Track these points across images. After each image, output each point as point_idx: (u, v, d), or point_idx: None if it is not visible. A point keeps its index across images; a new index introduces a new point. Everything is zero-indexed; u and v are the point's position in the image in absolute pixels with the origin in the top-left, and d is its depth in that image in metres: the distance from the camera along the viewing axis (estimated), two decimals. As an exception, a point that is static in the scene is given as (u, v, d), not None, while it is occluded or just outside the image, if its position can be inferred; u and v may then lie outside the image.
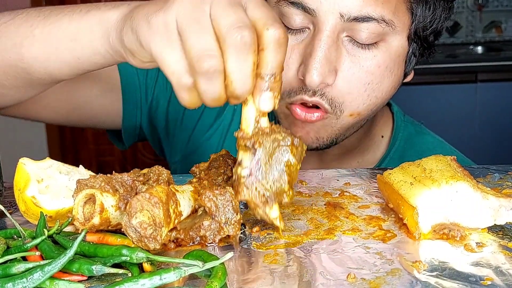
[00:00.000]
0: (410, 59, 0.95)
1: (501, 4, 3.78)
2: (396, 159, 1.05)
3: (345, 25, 0.86)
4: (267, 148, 0.62)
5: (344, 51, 0.88)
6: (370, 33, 0.87)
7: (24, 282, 0.54)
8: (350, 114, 0.91)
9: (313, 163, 1.07)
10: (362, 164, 1.07)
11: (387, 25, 0.87)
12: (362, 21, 0.86)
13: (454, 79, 3.26)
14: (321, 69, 0.86)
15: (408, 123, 1.10)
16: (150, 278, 0.53)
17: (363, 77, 0.89)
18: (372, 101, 0.92)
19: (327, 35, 0.86)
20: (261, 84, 0.61)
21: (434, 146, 1.07)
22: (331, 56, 0.87)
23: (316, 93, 0.89)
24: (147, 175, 0.68)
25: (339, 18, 0.85)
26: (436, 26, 0.94)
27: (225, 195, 0.65)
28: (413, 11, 0.90)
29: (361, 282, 0.56)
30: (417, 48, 0.95)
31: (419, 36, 0.93)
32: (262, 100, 0.62)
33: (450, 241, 0.65)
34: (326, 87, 0.89)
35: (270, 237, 0.67)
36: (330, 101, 0.89)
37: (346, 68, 0.88)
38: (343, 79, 0.89)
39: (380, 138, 1.09)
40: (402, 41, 0.91)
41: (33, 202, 0.68)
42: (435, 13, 0.92)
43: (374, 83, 0.90)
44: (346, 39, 0.88)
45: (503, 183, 0.82)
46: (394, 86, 0.94)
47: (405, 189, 0.69)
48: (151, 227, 0.58)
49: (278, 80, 0.62)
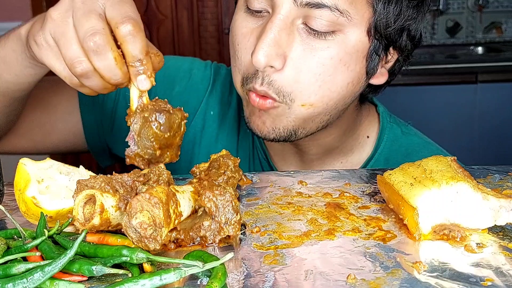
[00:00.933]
0: (372, 56, 0.93)
1: (502, 5, 3.78)
2: (382, 160, 1.05)
3: (299, 10, 0.86)
4: (138, 123, 0.73)
5: (297, 37, 0.88)
6: (324, 21, 0.86)
7: (25, 283, 0.54)
8: (302, 104, 0.91)
9: (294, 163, 1.07)
10: (346, 165, 1.07)
11: (341, 15, 0.86)
12: (315, 8, 0.85)
13: (454, 80, 3.26)
14: (268, 50, 0.86)
15: (394, 124, 1.09)
16: (150, 279, 0.53)
17: (314, 67, 0.88)
18: (326, 93, 0.90)
19: (280, 18, 0.87)
20: (133, 70, 0.73)
21: (420, 148, 1.06)
22: (281, 40, 0.87)
23: (264, 80, 0.89)
24: (147, 175, 0.68)
25: (293, 2, 0.86)
26: (402, 25, 0.92)
27: (225, 196, 0.65)
28: (374, 6, 0.89)
29: (361, 282, 0.56)
30: (379, 46, 0.93)
31: (380, 33, 0.91)
32: (139, 83, 0.73)
33: (450, 241, 0.65)
34: (274, 72, 0.88)
35: (270, 237, 0.67)
36: (277, 90, 0.89)
37: (296, 55, 0.88)
38: (292, 66, 0.88)
39: (366, 139, 1.08)
40: (361, 35, 0.90)
41: (34, 203, 0.68)
42: (399, 9, 0.90)
43: (326, 74, 0.89)
44: (302, 27, 0.88)
45: (503, 183, 0.82)
46: (352, 82, 0.93)
47: (405, 190, 0.69)
48: (151, 227, 0.58)
49: (146, 63, 0.73)
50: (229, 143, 1.11)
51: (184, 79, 1.15)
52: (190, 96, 1.13)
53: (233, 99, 1.13)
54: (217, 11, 3.51)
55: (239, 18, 0.94)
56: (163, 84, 1.11)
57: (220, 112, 1.13)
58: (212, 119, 1.13)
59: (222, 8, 3.51)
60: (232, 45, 0.95)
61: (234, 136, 1.11)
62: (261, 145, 1.08)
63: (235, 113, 1.12)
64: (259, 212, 0.74)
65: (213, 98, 1.14)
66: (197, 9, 3.50)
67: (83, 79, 0.74)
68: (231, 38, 0.95)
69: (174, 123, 0.75)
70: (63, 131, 1.14)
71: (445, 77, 3.26)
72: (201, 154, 1.11)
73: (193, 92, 1.13)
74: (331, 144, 1.04)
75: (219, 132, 1.12)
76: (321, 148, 1.04)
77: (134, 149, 0.74)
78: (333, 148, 1.05)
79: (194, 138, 1.12)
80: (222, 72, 1.17)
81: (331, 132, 1.00)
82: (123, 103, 1.13)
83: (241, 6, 0.94)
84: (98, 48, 0.70)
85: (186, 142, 1.12)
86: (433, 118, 3.21)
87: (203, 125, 1.12)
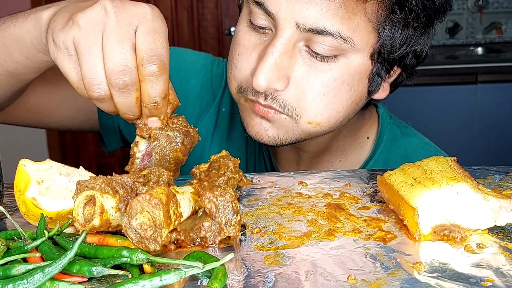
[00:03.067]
0: (374, 78, 0.93)
1: (501, 6, 3.78)
2: (381, 161, 1.05)
3: (302, 34, 0.86)
4: (160, 142, 0.71)
5: (300, 59, 0.88)
6: (326, 47, 0.86)
7: (25, 284, 0.54)
8: (309, 122, 0.91)
9: (294, 160, 1.07)
10: (345, 164, 1.07)
11: (344, 42, 0.86)
12: (318, 34, 0.85)
13: (454, 81, 3.27)
14: (268, 75, 0.86)
15: (394, 125, 1.09)
16: (150, 280, 0.53)
17: (318, 87, 0.88)
18: (332, 114, 0.91)
19: (282, 42, 0.86)
20: (145, 111, 0.71)
21: (418, 149, 1.06)
22: (283, 63, 0.87)
23: (268, 97, 0.89)
24: (147, 176, 0.68)
25: (295, 27, 0.86)
26: (409, 50, 0.91)
27: (225, 196, 0.65)
28: (379, 33, 0.88)
29: (362, 283, 0.56)
30: (382, 69, 0.93)
31: (384, 57, 0.91)
32: (149, 122, 0.72)
33: (450, 242, 0.65)
34: (277, 92, 0.88)
35: (271, 238, 0.67)
36: (282, 104, 0.89)
37: (299, 76, 0.88)
38: (296, 85, 0.88)
39: (366, 140, 1.08)
40: (364, 59, 0.89)
41: (34, 204, 0.68)
42: (405, 36, 0.90)
43: (331, 95, 0.89)
44: (304, 49, 0.88)
45: (503, 184, 0.82)
46: (355, 101, 0.93)
47: (405, 190, 0.69)
48: (151, 228, 0.58)
49: (162, 107, 0.70)
50: (239, 140, 1.11)
51: (200, 73, 1.15)
52: (205, 91, 1.13)
53: None
54: (217, 12, 3.52)
55: (242, 30, 0.93)
56: (180, 75, 1.11)
57: (231, 109, 1.13)
58: (223, 116, 1.13)
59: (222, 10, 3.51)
60: (232, 52, 0.95)
61: (244, 133, 1.12)
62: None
63: None
64: (259, 213, 0.74)
65: (226, 96, 1.14)
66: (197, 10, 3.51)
67: (95, 101, 0.71)
68: (233, 46, 0.95)
69: (193, 145, 0.73)
70: (72, 108, 1.10)
71: (445, 77, 3.27)
72: (212, 150, 1.11)
73: (208, 88, 1.13)
74: (327, 143, 1.04)
75: (230, 129, 1.12)
76: (320, 147, 1.04)
77: (145, 165, 0.71)
78: (330, 146, 1.05)
79: (206, 134, 1.12)
80: None
81: (332, 134, 1.01)
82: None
83: (244, 17, 0.94)
84: (125, 88, 0.68)
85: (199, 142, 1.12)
86: (433, 118, 3.22)
87: (215, 121, 1.12)
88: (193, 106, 1.13)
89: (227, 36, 3.48)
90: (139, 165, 0.73)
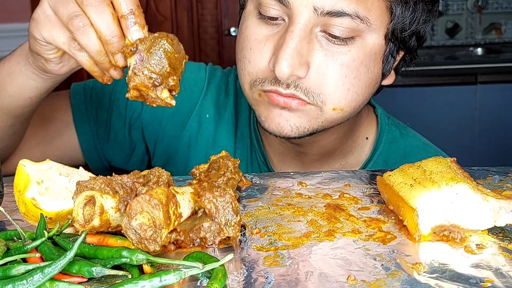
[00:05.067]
0: (388, 59, 0.95)
1: (501, 6, 3.78)
2: (380, 162, 1.05)
3: (318, 19, 0.86)
4: (147, 43, 0.71)
5: (317, 45, 0.88)
6: (344, 28, 0.87)
7: (24, 284, 0.54)
8: (333, 108, 0.91)
9: (294, 164, 1.07)
10: (345, 166, 1.07)
11: (362, 22, 0.87)
12: (336, 16, 0.86)
13: (454, 81, 3.26)
14: (291, 61, 0.86)
15: (393, 126, 1.09)
16: (150, 280, 0.53)
17: (338, 70, 0.89)
18: (354, 97, 0.92)
19: (300, 28, 0.87)
20: (125, 22, 0.73)
21: (418, 149, 1.07)
22: (303, 49, 0.87)
23: (290, 85, 0.89)
24: (147, 176, 0.68)
25: (312, 11, 0.86)
26: (415, 29, 0.93)
27: (225, 197, 0.65)
28: (392, 11, 0.90)
29: (361, 284, 0.56)
30: (394, 49, 0.94)
31: (397, 36, 0.92)
32: (132, 34, 0.73)
33: (450, 243, 0.65)
34: (299, 79, 0.89)
35: (270, 238, 0.67)
36: (306, 91, 0.89)
37: (319, 61, 0.89)
38: (316, 71, 0.89)
39: (365, 140, 1.08)
40: (379, 39, 0.91)
41: (33, 204, 0.68)
42: (415, 14, 0.92)
43: (352, 77, 0.90)
44: (320, 34, 0.88)
45: (503, 184, 0.82)
46: (372, 83, 0.94)
47: (405, 191, 0.69)
48: (151, 228, 0.58)
49: (139, 15, 0.73)
50: (226, 145, 1.11)
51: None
52: (183, 98, 1.12)
53: (229, 101, 1.13)
54: (216, 13, 3.51)
55: (251, 24, 0.93)
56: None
57: (216, 114, 1.12)
58: (208, 122, 1.12)
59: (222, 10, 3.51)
60: (241, 50, 0.94)
61: (231, 139, 1.11)
62: (260, 147, 1.08)
63: (231, 116, 1.12)
64: (259, 214, 0.74)
65: (208, 101, 1.13)
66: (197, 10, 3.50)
67: (79, 34, 0.73)
68: (241, 43, 0.94)
69: (180, 48, 0.74)
70: (60, 146, 1.12)
71: (445, 78, 3.26)
72: (197, 156, 1.11)
73: (186, 95, 1.12)
74: (332, 146, 1.04)
75: (216, 134, 1.12)
76: (321, 150, 1.04)
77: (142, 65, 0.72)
78: (333, 150, 1.05)
79: (189, 140, 1.12)
80: (218, 75, 1.16)
81: (332, 134, 1.01)
82: (116, 113, 1.12)
83: (252, 11, 0.94)
84: (97, 2, 0.71)
85: (181, 144, 1.11)
86: (432, 119, 3.21)
87: (198, 127, 1.12)
88: (176, 114, 1.13)
89: (227, 36, 3.48)
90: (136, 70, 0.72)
